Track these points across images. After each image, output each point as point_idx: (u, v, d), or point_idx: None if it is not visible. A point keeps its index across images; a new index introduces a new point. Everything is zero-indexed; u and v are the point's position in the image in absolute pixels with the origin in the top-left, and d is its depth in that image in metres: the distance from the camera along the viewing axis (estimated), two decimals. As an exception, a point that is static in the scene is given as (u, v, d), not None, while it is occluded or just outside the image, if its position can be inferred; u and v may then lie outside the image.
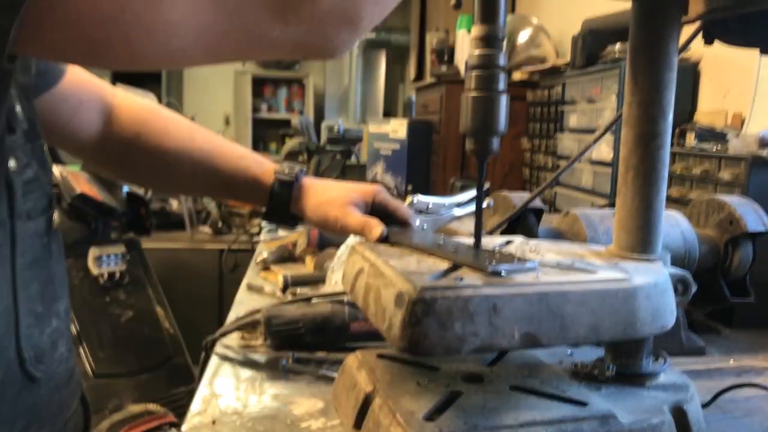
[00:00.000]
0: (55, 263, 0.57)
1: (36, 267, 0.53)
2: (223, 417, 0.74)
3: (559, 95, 2.81)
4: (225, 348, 0.95)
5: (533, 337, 0.55)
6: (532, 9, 3.44)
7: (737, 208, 0.98)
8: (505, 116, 0.62)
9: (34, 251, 0.53)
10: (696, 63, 2.11)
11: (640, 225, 0.68)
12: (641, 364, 0.68)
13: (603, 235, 0.95)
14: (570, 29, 2.78)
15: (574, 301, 0.57)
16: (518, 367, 0.70)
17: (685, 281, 0.68)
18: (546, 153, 3.13)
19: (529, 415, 0.58)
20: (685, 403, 0.63)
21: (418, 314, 0.53)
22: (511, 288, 0.56)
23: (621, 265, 0.65)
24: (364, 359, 0.71)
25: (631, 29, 0.67)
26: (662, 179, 0.68)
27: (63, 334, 0.58)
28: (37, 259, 0.53)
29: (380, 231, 0.76)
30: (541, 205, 1.03)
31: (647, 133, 0.67)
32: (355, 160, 3.37)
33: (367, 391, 0.64)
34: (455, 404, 0.60)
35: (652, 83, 0.66)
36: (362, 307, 0.64)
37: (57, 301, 0.57)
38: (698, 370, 0.91)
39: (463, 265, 0.61)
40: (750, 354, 0.98)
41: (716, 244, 0.99)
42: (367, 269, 0.65)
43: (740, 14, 0.66)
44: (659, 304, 0.61)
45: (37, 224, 0.53)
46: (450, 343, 0.53)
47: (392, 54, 6.74)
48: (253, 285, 1.30)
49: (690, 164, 1.68)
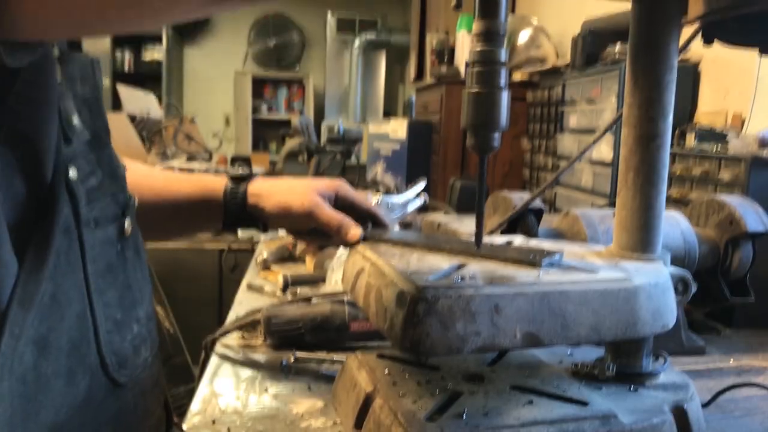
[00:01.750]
0: (131, 269, 0.57)
1: (111, 274, 0.54)
2: (223, 417, 0.74)
3: (559, 96, 2.81)
4: (225, 348, 0.95)
5: (535, 336, 0.55)
6: (532, 9, 3.44)
7: (737, 208, 0.98)
8: (507, 112, 0.62)
9: (107, 258, 0.53)
10: (696, 63, 2.11)
11: (640, 225, 0.68)
12: (641, 363, 0.68)
13: (603, 235, 0.95)
14: (570, 30, 2.78)
15: (575, 300, 0.57)
16: (519, 366, 0.70)
17: (685, 281, 0.68)
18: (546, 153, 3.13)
19: (530, 414, 0.58)
20: (686, 403, 0.63)
21: (419, 314, 0.53)
22: (512, 288, 0.56)
23: (621, 264, 0.65)
24: (365, 359, 0.71)
25: (631, 30, 0.67)
26: (662, 179, 0.68)
27: (145, 340, 0.59)
28: (112, 266, 0.54)
29: (359, 232, 0.76)
30: (541, 205, 1.03)
31: (647, 133, 0.67)
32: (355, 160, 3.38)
33: (367, 391, 0.64)
34: (456, 404, 0.60)
35: (652, 84, 0.66)
36: (363, 306, 0.64)
37: (136, 307, 0.57)
38: (698, 369, 0.91)
39: (512, 262, 0.62)
40: (750, 354, 0.99)
41: (716, 244, 0.99)
42: (367, 269, 0.65)
43: (739, 14, 0.66)
44: (660, 303, 0.61)
45: (106, 232, 0.54)
46: (452, 342, 0.53)
47: (392, 54, 6.74)
48: (253, 285, 1.30)
49: (690, 164, 1.69)
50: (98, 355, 0.51)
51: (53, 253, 0.47)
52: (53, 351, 0.46)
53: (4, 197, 0.44)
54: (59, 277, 0.47)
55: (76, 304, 0.49)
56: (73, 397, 0.48)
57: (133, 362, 0.55)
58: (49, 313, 0.46)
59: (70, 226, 0.49)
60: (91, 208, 0.52)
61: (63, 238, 0.48)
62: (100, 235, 0.53)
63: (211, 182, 0.84)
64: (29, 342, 0.44)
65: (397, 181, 2.01)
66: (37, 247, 0.46)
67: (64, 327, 0.48)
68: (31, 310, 0.45)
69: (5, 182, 0.45)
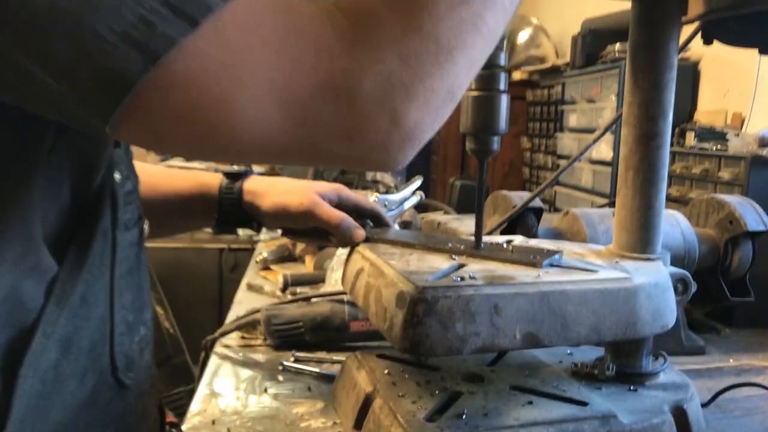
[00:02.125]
0: (143, 272, 0.58)
1: (130, 276, 0.54)
2: (222, 417, 0.74)
3: (559, 95, 2.81)
4: (225, 348, 0.95)
5: (534, 337, 0.55)
6: (532, 9, 3.44)
7: (737, 208, 0.98)
8: (506, 116, 0.62)
9: (129, 261, 0.54)
10: (696, 63, 2.11)
11: (640, 224, 0.68)
12: (641, 363, 0.68)
13: (603, 234, 0.95)
14: (570, 29, 2.78)
15: (575, 300, 0.57)
16: (518, 367, 0.70)
17: (685, 281, 0.68)
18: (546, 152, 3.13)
19: (530, 415, 0.58)
20: (685, 403, 0.63)
21: (419, 314, 0.53)
22: (512, 288, 0.56)
23: (621, 264, 0.65)
24: (364, 359, 0.71)
25: (631, 29, 0.67)
26: (662, 179, 0.68)
27: (149, 342, 0.59)
28: (131, 268, 0.55)
29: (362, 232, 0.75)
30: (541, 205, 1.03)
31: (647, 132, 0.67)
32: (354, 160, 3.37)
33: (367, 391, 0.64)
34: (456, 404, 0.60)
35: (651, 83, 0.66)
36: (362, 306, 0.63)
37: (144, 310, 0.58)
38: (698, 369, 0.91)
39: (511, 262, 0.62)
40: (750, 354, 0.98)
41: (716, 243, 0.99)
42: (367, 269, 0.65)
43: (739, 14, 0.66)
44: (660, 303, 0.61)
45: (131, 234, 0.55)
46: (451, 343, 0.53)
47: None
48: (253, 284, 1.30)
49: (690, 164, 1.69)
50: (110, 357, 0.51)
51: (92, 255, 0.48)
52: (74, 351, 0.47)
53: (50, 205, 0.46)
54: (91, 279, 0.48)
55: (101, 305, 0.50)
56: (82, 397, 0.49)
57: (138, 364, 0.56)
58: (78, 314, 0.47)
59: (107, 229, 0.50)
60: (125, 211, 0.53)
61: (101, 241, 0.49)
62: (128, 237, 0.54)
63: (207, 178, 0.84)
64: (56, 341, 0.45)
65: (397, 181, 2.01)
66: (79, 248, 0.48)
67: (89, 328, 0.49)
68: (64, 310, 0.46)
69: (53, 192, 0.46)
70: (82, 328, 0.48)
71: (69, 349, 0.47)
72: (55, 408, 0.46)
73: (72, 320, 0.47)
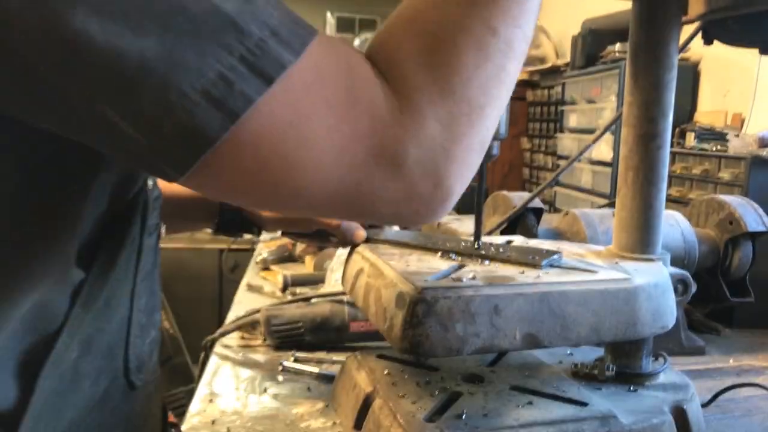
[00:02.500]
0: (157, 275, 0.59)
1: (147, 279, 0.55)
2: (222, 417, 0.74)
3: (559, 95, 2.81)
4: (225, 348, 0.95)
5: (534, 337, 0.55)
6: (532, 9, 3.44)
7: (737, 208, 0.98)
8: (506, 121, 0.62)
9: (149, 265, 0.55)
10: (696, 63, 2.11)
11: (640, 225, 0.68)
12: (641, 364, 0.68)
13: (603, 235, 0.95)
14: (570, 29, 2.78)
15: (575, 301, 0.57)
16: (518, 367, 0.70)
17: (685, 281, 0.68)
18: (546, 153, 3.13)
19: (530, 415, 0.58)
20: (685, 403, 0.63)
21: (419, 315, 0.53)
22: (512, 288, 0.56)
23: (621, 265, 0.65)
24: (364, 360, 0.71)
25: (631, 29, 0.67)
26: (662, 179, 0.68)
27: (157, 344, 0.60)
28: (149, 272, 0.56)
29: (363, 233, 0.76)
30: (541, 205, 1.03)
31: (647, 133, 0.67)
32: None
33: (367, 391, 0.64)
34: (455, 405, 0.60)
35: (652, 83, 0.66)
36: (362, 307, 0.63)
37: (155, 312, 0.59)
38: (698, 370, 0.91)
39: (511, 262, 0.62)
40: (750, 354, 0.98)
41: (716, 244, 0.99)
42: (367, 269, 0.65)
43: (739, 14, 0.66)
44: (660, 304, 0.61)
45: (152, 238, 0.56)
46: (451, 343, 0.53)
47: (392, 54, 6.73)
48: (252, 285, 1.30)
49: (690, 164, 1.69)
50: (124, 358, 0.52)
51: (120, 260, 0.49)
52: (93, 352, 0.48)
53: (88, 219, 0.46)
54: (116, 283, 0.49)
55: (123, 308, 0.51)
56: (94, 397, 0.49)
57: (147, 366, 0.57)
58: (101, 316, 0.48)
59: (136, 235, 0.51)
60: (152, 216, 0.54)
61: (129, 246, 0.50)
62: (150, 241, 0.55)
63: None
64: (79, 341, 0.46)
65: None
66: (108, 254, 0.48)
67: (109, 330, 0.49)
68: (89, 313, 0.47)
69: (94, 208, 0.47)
70: (103, 330, 0.49)
71: (89, 349, 0.47)
72: (69, 407, 0.46)
73: (94, 322, 0.47)
